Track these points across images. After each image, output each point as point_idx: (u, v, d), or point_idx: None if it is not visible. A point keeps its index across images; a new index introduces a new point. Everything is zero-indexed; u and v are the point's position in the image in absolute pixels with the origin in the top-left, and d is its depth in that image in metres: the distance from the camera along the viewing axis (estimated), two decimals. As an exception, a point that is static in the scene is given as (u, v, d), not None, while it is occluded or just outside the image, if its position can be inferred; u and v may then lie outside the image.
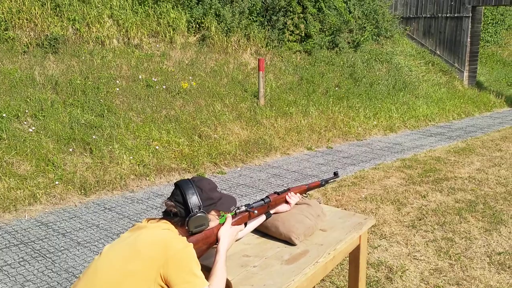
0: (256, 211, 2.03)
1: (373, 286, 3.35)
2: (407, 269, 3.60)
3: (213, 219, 1.89)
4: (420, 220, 4.63)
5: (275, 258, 2.01)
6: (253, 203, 2.07)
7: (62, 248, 3.91)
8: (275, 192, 2.21)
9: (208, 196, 1.85)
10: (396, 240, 4.14)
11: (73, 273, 3.51)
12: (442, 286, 3.37)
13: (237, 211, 1.99)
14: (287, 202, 2.24)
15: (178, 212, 1.82)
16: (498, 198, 5.33)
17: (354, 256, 2.43)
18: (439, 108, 11.47)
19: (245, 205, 2.03)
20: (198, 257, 1.82)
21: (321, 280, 3.41)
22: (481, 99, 13.16)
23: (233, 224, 1.95)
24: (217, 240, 1.89)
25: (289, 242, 2.14)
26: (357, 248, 2.40)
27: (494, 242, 4.13)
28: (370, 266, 3.63)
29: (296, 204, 2.31)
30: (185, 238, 1.79)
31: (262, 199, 2.11)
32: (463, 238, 4.21)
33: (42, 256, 3.76)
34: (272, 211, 2.18)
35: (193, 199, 1.81)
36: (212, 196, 1.87)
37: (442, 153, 7.60)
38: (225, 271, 1.80)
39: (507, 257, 3.86)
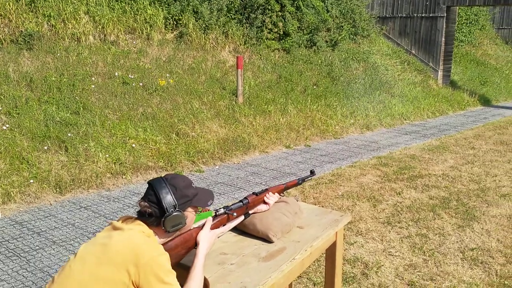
0: (235, 213, 2.03)
1: (349, 282, 3.40)
2: (382, 265, 3.66)
3: (190, 216, 1.87)
4: (395, 216, 4.72)
5: (252, 255, 2.02)
6: (232, 205, 2.06)
7: (37, 247, 3.86)
8: (253, 193, 2.21)
9: (183, 194, 1.81)
10: (371, 237, 4.21)
11: (48, 272, 3.47)
12: (417, 282, 3.44)
13: (217, 213, 1.99)
14: (265, 202, 2.24)
15: (153, 213, 1.76)
16: (471, 195, 5.46)
17: (330, 252, 2.46)
18: (414, 106, 11.67)
19: (223, 207, 2.02)
20: (177, 262, 1.81)
21: (298, 277, 3.45)
22: (455, 98, 13.43)
23: (212, 227, 1.95)
24: (195, 244, 1.88)
25: (266, 239, 2.16)
26: (334, 245, 2.43)
27: (467, 238, 4.24)
28: (346, 262, 3.69)
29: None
30: (159, 245, 1.76)
31: (241, 201, 2.11)
32: (437, 234, 4.30)
33: (17, 256, 3.70)
34: (251, 211, 2.18)
35: (168, 199, 1.76)
36: (187, 193, 1.83)
37: (416, 151, 7.73)
38: (202, 275, 1.79)
39: (479, 252, 3.96)
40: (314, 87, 10.35)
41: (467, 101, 13.65)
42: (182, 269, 1.82)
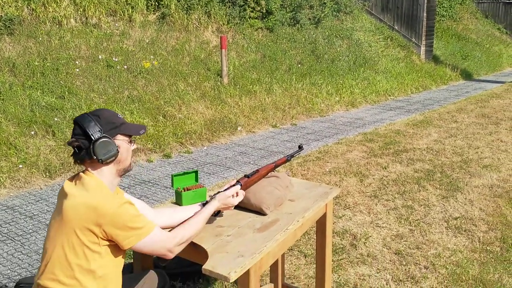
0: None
1: (339, 253, 3.51)
2: (370, 236, 3.78)
3: (124, 146, 1.85)
4: (381, 190, 4.84)
5: (247, 227, 2.10)
6: (225, 189, 2.12)
7: (30, 231, 3.89)
8: (245, 175, 2.26)
9: (108, 121, 1.80)
10: (359, 210, 4.32)
11: (43, 255, 3.52)
12: (403, 250, 3.56)
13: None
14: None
15: (81, 145, 1.75)
16: (455, 167, 5.61)
17: (320, 223, 2.55)
18: (398, 82, 11.79)
19: (218, 191, 2.10)
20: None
21: (290, 249, 3.55)
22: (438, 72, 13.59)
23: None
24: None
25: (260, 212, 2.23)
26: (324, 216, 2.52)
27: (451, 208, 4.38)
28: (336, 235, 3.80)
29: (265, 177, 2.40)
30: (114, 195, 1.78)
31: (233, 185, 2.16)
32: (422, 205, 4.43)
33: (11, 239, 3.73)
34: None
35: (91, 126, 1.75)
36: (112, 120, 1.83)
37: (401, 126, 7.86)
38: (200, 224, 1.91)
39: (463, 221, 4.10)
40: (299, 65, 10.38)
41: (450, 76, 13.82)
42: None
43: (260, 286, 2.92)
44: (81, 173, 1.82)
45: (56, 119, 6.01)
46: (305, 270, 3.28)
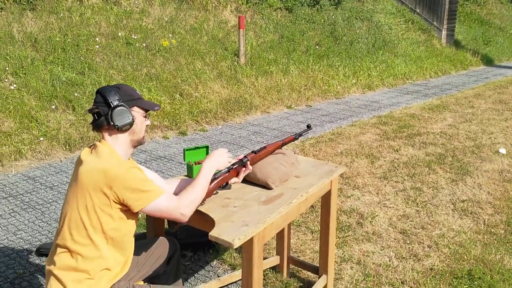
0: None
1: (345, 230, 3.62)
2: (376, 215, 3.87)
3: (139, 118, 2.00)
4: (391, 172, 4.91)
5: (253, 200, 2.21)
6: (233, 164, 2.23)
7: (50, 200, 4.07)
8: (252, 151, 2.37)
9: (126, 93, 1.97)
10: (368, 190, 4.41)
11: (62, 223, 3.70)
12: (408, 230, 3.65)
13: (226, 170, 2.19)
14: (237, 175, 2.27)
15: (100, 111, 1.91)
16: (466, 152, 5.63)
17: (325, 200, 2.65)
18: (417, 66, 11.70)
19: (227, 168, 2.20)
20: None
21: (297, 226, 3.67)
22: (458, 57, 13.42)
23: (218, 183, 2.15)
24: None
25: (266, 186, 2.34)
26: (329, 193, 2.61)
27: (459, 191, 4.43)
28: (343, 213, 3.90)
29: (272, 153, 2.50)
30: (125, 161, 1.93)
31: (241, 160, 2.27)
32: (431, 188, 4.50)
33: (32, 208, 3.92)
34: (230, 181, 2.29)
35: (111, 95, 1.91)
36: (131, 93, 1.99)
37: (417, 110, 7.86)
38: (203, 185, 2.01)
39: (470, 204, 4.16)
40: (317, 47, 10.37)
41: (470, 61, 13.64)
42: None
43: (267, 258, 3.06)
44: (96, 142, 1.97)
45: (76, 94, 6.18)
46: (311, 245, 3.40)
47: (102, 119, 1.93)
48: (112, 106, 1.91)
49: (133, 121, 1.97)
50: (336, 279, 2.99)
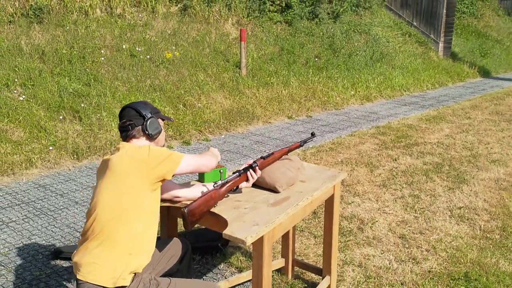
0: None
1: (346, 235, 3.76)
2: (376, 221, 4.02)
3: (162, 128, 2.29)
4: (390, 180, 5.06)
5: (262, 202, 2.36)
6: (242, 169, 2.40)
7: (61, 207, 4.21)
8: (261, 157, 2.53)
9: (151, 107, 2.27)
10: (368, 197, 4.56)
11: (74, 228, 3.83)
12: (407, 235, 3.80)
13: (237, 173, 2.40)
14: (247, 180, 2.43)
15: (134, 123, 2.19)
16: (463, 161, 5.79)
17: (329, 204, 2.80)
18: (414, 78, 11.91)
19: (238, 172, 2.37)
20: (199, 219, 2.17)
21: (301, 231, 3.81)
22: (455, 69, 13.65)
23: (229, 186, 2.31)
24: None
25: (274, 190, 2.49)
26: (332, 197, 2.77)
27: (456, 198, 4.59)
28: (344, 219, 4.04)
29: (279, 159, 2.65)
30: (145, 144, 2.18)
31: (250, 165, 2.43)
32: (428, 195, 4.65)
33: (44, 214, 4.06)
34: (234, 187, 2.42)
35: (143, 108, 2.21)
36: (154, 107, 2.29)
37: (414, 121, 8.04)
38: (211, 158, 2.31)
39: (466, 211, 4.31)
40: (316, 59, 10.58)
41: (467, 73, 13.87)
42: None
43: (273, 261, 3.20)
44: (118, 145, 2.19)
45: (82, 105, 6.34)
46: (314, 249, 3.54)
47: (135, 131, 2.20)
48: (147, 117, 2.19)
49: (162, 130, 2.27)
50: (339, 280, 3.13)
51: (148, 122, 2.18)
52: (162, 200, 2.31)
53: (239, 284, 3.05)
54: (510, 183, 5.04)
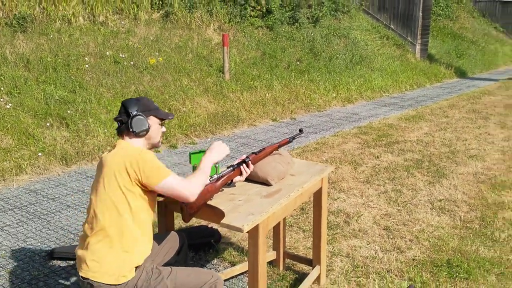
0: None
1: (333, 228, 3.91)
2: (362, 215, 4.19)
3: (155, 126, 2.34)
4: (373, 176, 5.25)
5: (255, 194, 2.50)
6: (236, 164, 2.52)
7: (54, 211, 4.28)
8: (253, 153, 2.66)
9: (145, 104, 2.32)
10: (353, 193, 4.73)
11: (68, 230, 3.91)
12: (391, 226, 3.97)
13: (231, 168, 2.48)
14: (241, 174, 2.53)
15: (122, 119, 2.28)
16: (442, 157, 6.02)
17: (317, 196, 2.95)
18: (393, 80, 12.20)
19: (232, 167, 2.49)
20: (197, 211, 2.27)
21: (290, 226, 3.95)
22: (432, 70, 14.00)
23: (224, 180, 2.40)
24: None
25: (265, 183, 2.63)
26: (320, 190, 2.92)
27: (436, 192, 4.79)
28: (331, 214, 4.20)
29: (270, 154, 2.79)
30: (141, 147, 2.27)
31: (243, 160, 2.56)
32: (410, 190, 4.84)
33: (37, 218, 4.12)
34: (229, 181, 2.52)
35: (131, 106, 2.27)
36: (148, 104, 2.34)
37: (394, 121, 8.27)
38: (207, 169, 2.30)
39: (446, 203, 4.51)
40: (298, 63, 10.78)
41: (444, 74, 14.24)
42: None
43: (264, 254, 3.33)
44: (115, 143, 2.29)
45: (69, 111, 6.39)
46: (303, 243, 3.69)
47: (123, 127, 2.30)
48: (132, 115, 2.26)
49: (149, 128, 2.31)
50: (328, 270, 3.28)
51: (133, 120, 2.25)
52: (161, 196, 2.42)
53: (233, 277, 3.17)
54: (488, 177, 5.27)
